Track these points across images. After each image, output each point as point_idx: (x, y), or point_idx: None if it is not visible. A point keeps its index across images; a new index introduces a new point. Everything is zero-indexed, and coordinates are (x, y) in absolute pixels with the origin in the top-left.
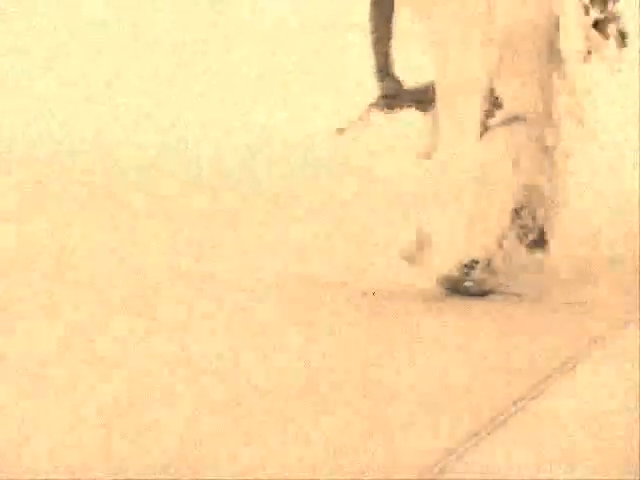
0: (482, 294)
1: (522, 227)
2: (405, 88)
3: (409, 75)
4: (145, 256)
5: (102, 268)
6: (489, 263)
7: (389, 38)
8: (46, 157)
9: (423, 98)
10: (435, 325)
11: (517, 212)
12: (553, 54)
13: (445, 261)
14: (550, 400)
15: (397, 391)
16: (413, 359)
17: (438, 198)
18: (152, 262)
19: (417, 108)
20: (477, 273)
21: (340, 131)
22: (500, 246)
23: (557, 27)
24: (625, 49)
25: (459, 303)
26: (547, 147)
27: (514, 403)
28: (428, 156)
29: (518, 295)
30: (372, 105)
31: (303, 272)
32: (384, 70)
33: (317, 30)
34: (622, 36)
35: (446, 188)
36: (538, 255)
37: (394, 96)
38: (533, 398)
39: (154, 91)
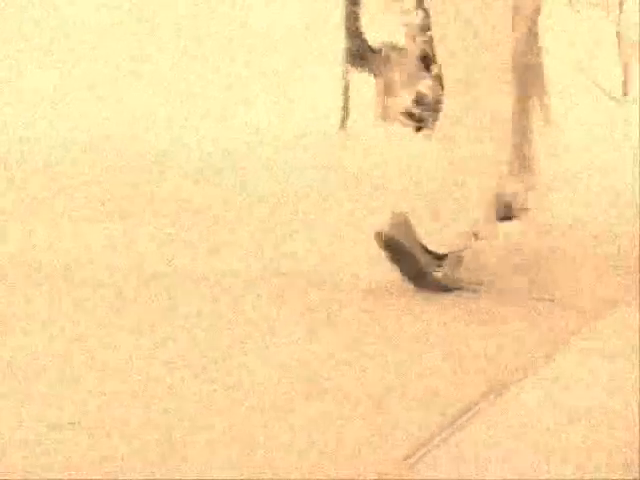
0: (452, 289)
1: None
2: (369, 47)
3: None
4: (143, 256)
5: (102, 268)
6: (459, 257)
7: (359, 2)
8: (47, 157)
9: (378, 60)
10: (409, 319)
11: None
12: (533, 49)
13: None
14: (525, 392)
15: (375, 385)
16: (390, 353)
17: (429, 192)
18: (151, 262)
19: (368, 70)
20: (446, 267)
21: (342, 125)
22: (472, 240)
23: (539, 12)
24: None
25: (431, 298)
26: (523, 147)
27: (489, 395)
28: (384, 118)
29: (486, 290)
30: (347, 62)
31: (296, 269)
32: (352, 30)
33: (310, 30)
34: None
35: (441, 181)
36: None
37: (360, 55)
38: (509, 390)
39: (149, 92)
